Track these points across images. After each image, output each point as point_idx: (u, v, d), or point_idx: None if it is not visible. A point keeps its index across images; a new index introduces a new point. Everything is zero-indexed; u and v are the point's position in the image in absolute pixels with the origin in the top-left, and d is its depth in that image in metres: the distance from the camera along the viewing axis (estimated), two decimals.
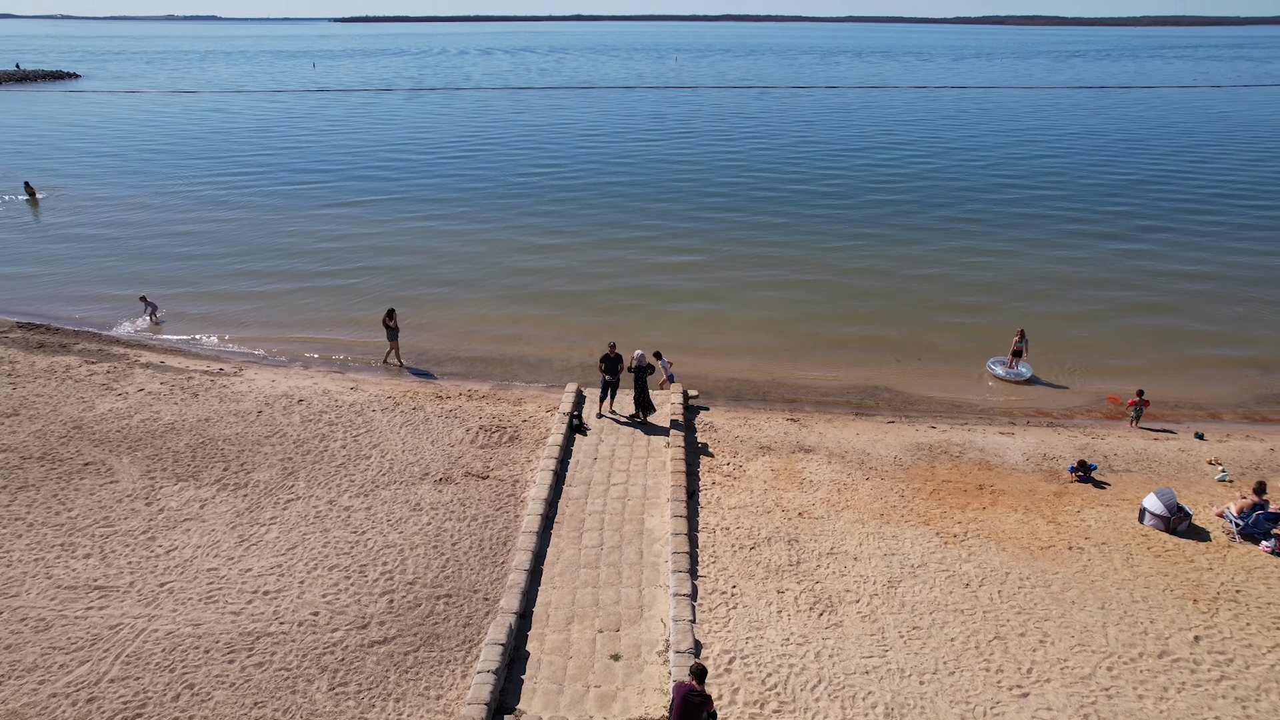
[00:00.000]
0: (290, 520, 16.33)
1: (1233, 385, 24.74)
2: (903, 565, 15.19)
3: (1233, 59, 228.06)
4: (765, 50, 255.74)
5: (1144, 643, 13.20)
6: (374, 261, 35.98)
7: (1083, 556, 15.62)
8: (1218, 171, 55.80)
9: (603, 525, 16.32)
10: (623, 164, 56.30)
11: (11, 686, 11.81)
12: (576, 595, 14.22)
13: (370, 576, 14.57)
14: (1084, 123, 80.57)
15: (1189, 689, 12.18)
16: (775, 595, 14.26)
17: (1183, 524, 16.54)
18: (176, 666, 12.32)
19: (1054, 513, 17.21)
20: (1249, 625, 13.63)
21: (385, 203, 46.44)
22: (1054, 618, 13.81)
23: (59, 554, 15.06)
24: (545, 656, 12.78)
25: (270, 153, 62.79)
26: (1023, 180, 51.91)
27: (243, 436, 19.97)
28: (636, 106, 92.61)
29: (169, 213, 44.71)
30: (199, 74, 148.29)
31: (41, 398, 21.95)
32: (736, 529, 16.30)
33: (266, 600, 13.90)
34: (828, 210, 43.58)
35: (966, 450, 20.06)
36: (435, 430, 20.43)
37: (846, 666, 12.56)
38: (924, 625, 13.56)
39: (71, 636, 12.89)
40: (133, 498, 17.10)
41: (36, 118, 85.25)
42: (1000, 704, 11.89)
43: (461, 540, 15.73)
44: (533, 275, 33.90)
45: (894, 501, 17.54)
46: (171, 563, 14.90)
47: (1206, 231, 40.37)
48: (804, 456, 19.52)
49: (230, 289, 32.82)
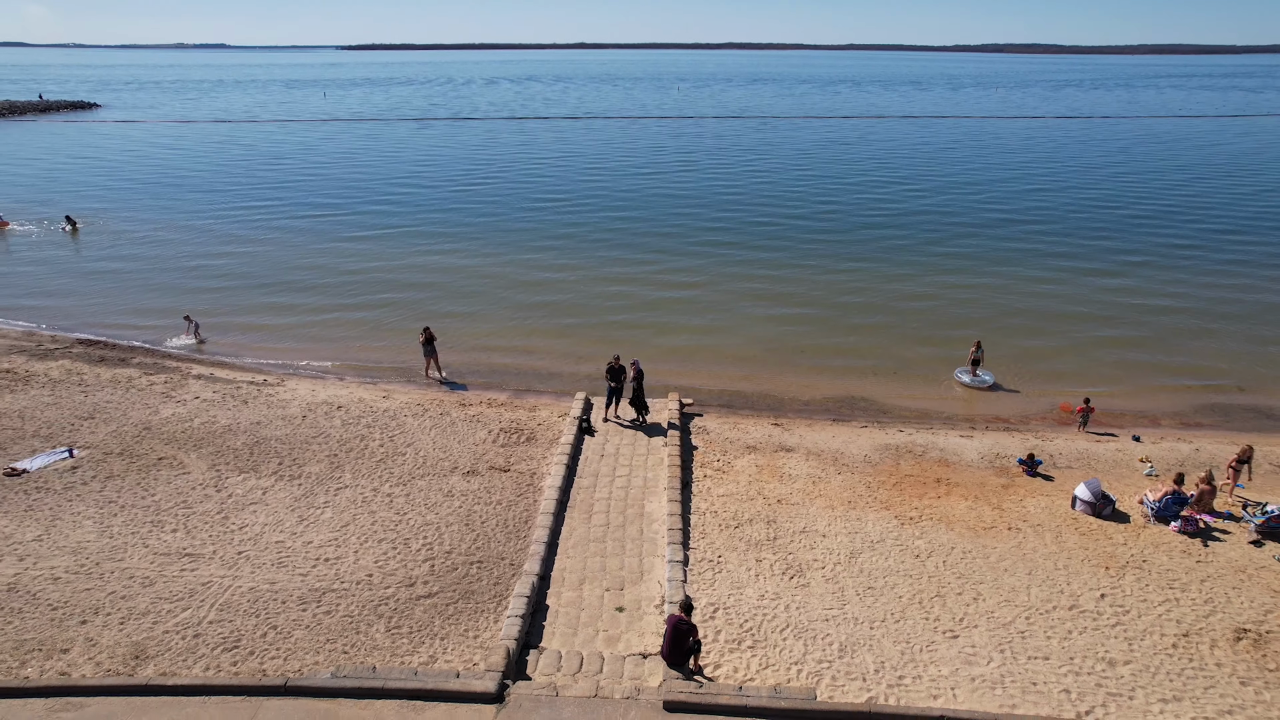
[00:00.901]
0: (341, 504, 19.10)
1: (1175, 398, 27.47)
2: (864, 541, 17.90)
3: (1225, 89, 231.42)
4: (766, 79, 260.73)
5: (1059, 599, 15.88)
6: (394, 285, 38.94)
7: (1019, 535, 18.32)
8: (1197, 203, 58.70)
9: (609, 509, 19.07)
10: (626, 197, 59.16)
11: (131, 626, 14.55)
12: (587, 563, 16.95)
13: (413, 547, 17.32)
14: (1073, 154, 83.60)
15: (1089, 632, 14.86)
16: (754, 563, 16.97)
17: (1107, 509, 19.24)
18: (260, 613, 15.06)
19: (999, 501, 19.93)
20: (1147, 586, 16.32)
21: (401, 231, 49.50)
22: (988, 581, 16.50)
23: (150, 529, 17.83)
24: (562, 609, 15.49)
25: (287, 182, 66.09)
26: (1010, 212, 54.64)
27: (292, 437, 22.79)
28: (639, 138, 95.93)
29: (198, 240, 47.77)
30: (214, 104, 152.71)
31: (111, 404, 24.81)
32: (723, 512, 19.03)
33: (328, 565, 16.64)
34: (822, 243, 46.17)
35: (929, 450, 22.80)
36: (461, 432, 23.23)
37: (810, 615, 15.26)
38: (877, 586, 16.26)
39: (172, 590, 15.64)
40: (204, 486, 19.89)
41: (64, 148, 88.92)
42: (934, 643, 14.57)
43: (489, 520, 18.49)
44: (542, 299, 36.79)
45: (861, 491, 20.27)
46: (245, 536, 17.66)
47: (1178, 262, 43.07)
48: (785, 455, 22.27)
49: (263, 310, 35.74)
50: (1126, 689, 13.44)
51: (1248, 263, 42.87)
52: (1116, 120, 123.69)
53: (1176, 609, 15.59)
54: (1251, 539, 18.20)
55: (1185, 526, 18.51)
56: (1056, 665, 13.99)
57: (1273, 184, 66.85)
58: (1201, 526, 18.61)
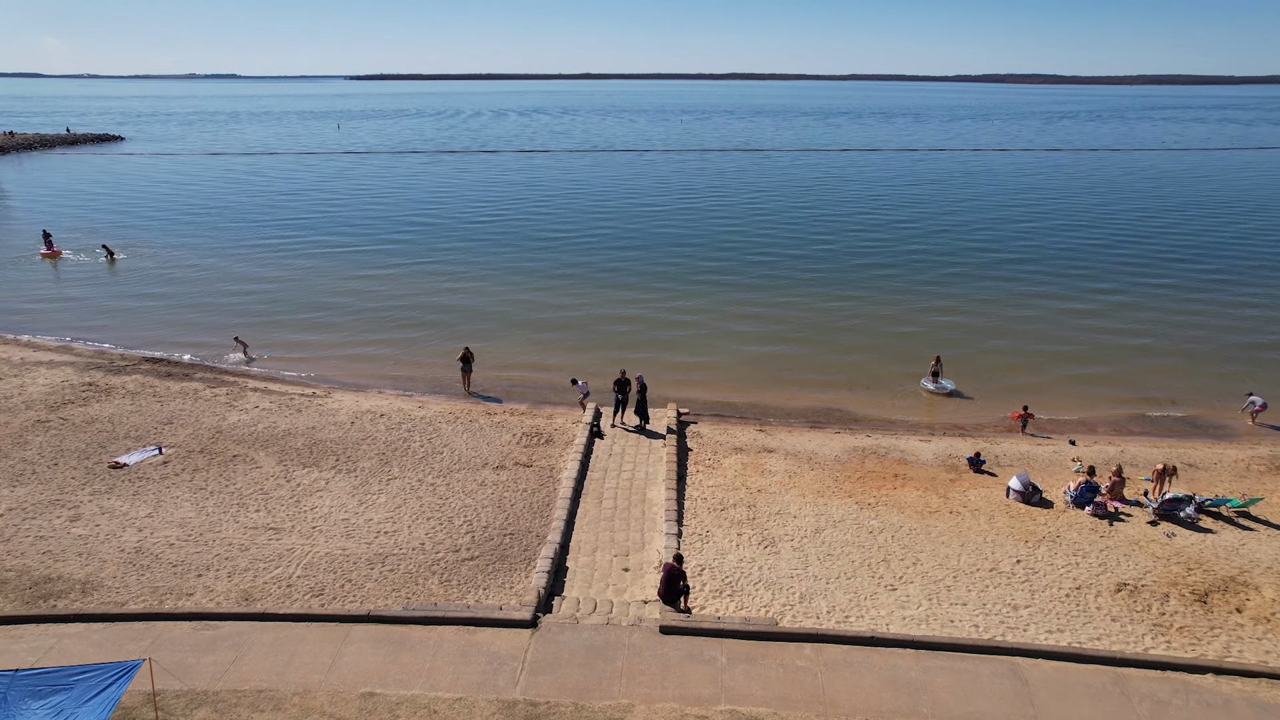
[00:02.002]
0: (393, 491, 22.90)
1: (1112, 409, 31.23)
2: (827, 520, 21.62)
3: (1219, 121, 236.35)
4: (768, 111, 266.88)
5: (982, 564, 19.56)
6: (419, 311, 42.96)
7: (958, 517, 22.02)
8: (1168, 235, 62.71)
9: (616, 496, 22.83)
10: (631, 234, 62.76)
11: (238, 579, 18.30)
12: (599, 536, 20.69)
13: (456, 524, 21.08)
14: (1060, 188, 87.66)
15: (1001, 586, 18.53)
16: (735, 536, 20.69)
17: (1035, 497, 22.96)
18: (337, 570, 18.80)
19: (946, 491, 23.64)
20: (1056, 555, 20.00)
21: (419, 263, 53.63)
22: (926, 550, 20.19)
23: (237, 509, 21.64)
24: (579, 570, 19.21)
25: (309, 215, 70.57)
26: (993, 245, 58.51)
27: (343, 439, 26.61)
28: (644, 173, 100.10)
29: (230, 269, 51.98)
30: (233, 136, 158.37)
31: (185, 411, 28.69)
32: (712, 499, 22.78)
33: (387, 537, 20.40)
34: (815, 277, 49.44)
35: (891, 451, 26.54)
36: (489, 435, 27.05)
37: (778, 574, 18.96)
38: (835, 553, 19.96)
39: (264, 554, 19.41)
40: (275, 477, 23.71)
41: (95, 180, 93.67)
42: (877, 594, 18.25)
43: (517, 503, 22.25)
44: (555, 325, 40.75)
45: (829, 484, 24.00)
46: (316, 515, 21.45)
47: (1138, 289, 46.99)
48: (766, 455, 26.02)
49: (301, 331, 39.71)
50: (1023, 624, 17.10)
51: (1203, 290, 46.76)
52: (1106, 154, 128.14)
53: (1075, 570, 19.28)
54: (1149, 519, 21.89)
55: (1096, 510, 22.20)
56: (972, 610, 17.66)
57: (1243, 217, 70.87)
58: (1110, 510, 22.31)
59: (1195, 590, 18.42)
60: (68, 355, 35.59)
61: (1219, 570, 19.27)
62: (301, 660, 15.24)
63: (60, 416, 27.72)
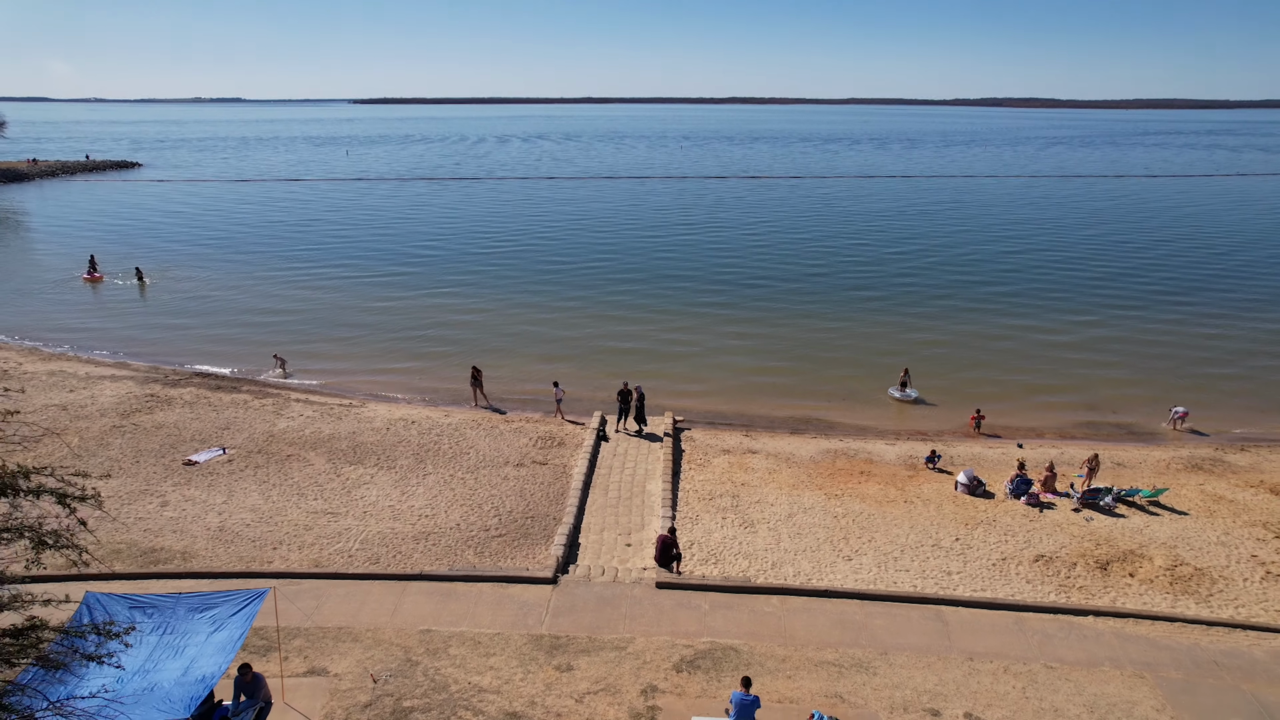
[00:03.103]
0: (429, 484, 26.78)
1: (1060, 416, 35.13)
2: (799, 508, 25.48)
3: (1208, 146, 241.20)
4: (766, 137, 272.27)
5: (926, 541, 23.40)
6: (439, 329, 46.99)
7: (911, 505, 25.86)
8: (1151, 261, 66.92)
9: (620, 488, 26.70)
10: (632, 262, 66.51)
11: (306, 551, 22.16)
12: (605, 519, 24.55)
13: (485, 509, 24.95)
14: (1048, 214, 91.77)
15: (940, 558, 22.36)
16: (720, 519, 24.55)
17: (979, 489, 26.82)
18: (388, 545, 22.66)
19: (903, 485, 27.49)
20: (989, 534, 23.85)
21: (432, 286, 57.74)
22: (881, 530, 24.03)
23: (298, 498, 25.53)
24: (589, 545, 23.05)
25: (323, 240, 74.82)
26: (981, 273, 62.40)
27: (381, 442, 30.51)
28: (645, 200, 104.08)
29: (254, 291, 56.04)
30: (245, 162, 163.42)
31: (239, 419, 32.62)
32: (702, 490, 26.64)
33: (427, 519, 24.27)
34: (807, 302, 52.95)
35: (859, 453, 30.42)
36: (508, 439, 30.95)
37: (755, 548, 22.80)
38: (803, 533, 23.81)
39: (325, 532, 23.28)
40: (326, 473, 27.60)
41: (116, 206, 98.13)
42: (835, 563, 22.08)
43: (535, 493, 26.13)
44: (565, 344, 44.76)
45: (803, 479, 27.86)
46: (365, 502, 25.33)
47: (1102, 309, 51.09)
48: (750, 455, 29.90)
49: (330, 350, 43.67)
50: (954, 585, 20.93)
51: (1171, 314, 50.76)
52: (1094, 180, 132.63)
53: (1003, 546, 23.13)
54: (1074, 507, 25.76)
55: (1030, 500, 26.07)
56: (912, 575, 21.50)
57: (1218, 243, 75.09)
58: (1042, 500, 26.17)
59: (1099, 560, 22.27)
60: (126, 370, 39.54)
61: (1122, 545, 23.12)
62: (369, 607, 19.10)
63: (132, 422, 31.66)
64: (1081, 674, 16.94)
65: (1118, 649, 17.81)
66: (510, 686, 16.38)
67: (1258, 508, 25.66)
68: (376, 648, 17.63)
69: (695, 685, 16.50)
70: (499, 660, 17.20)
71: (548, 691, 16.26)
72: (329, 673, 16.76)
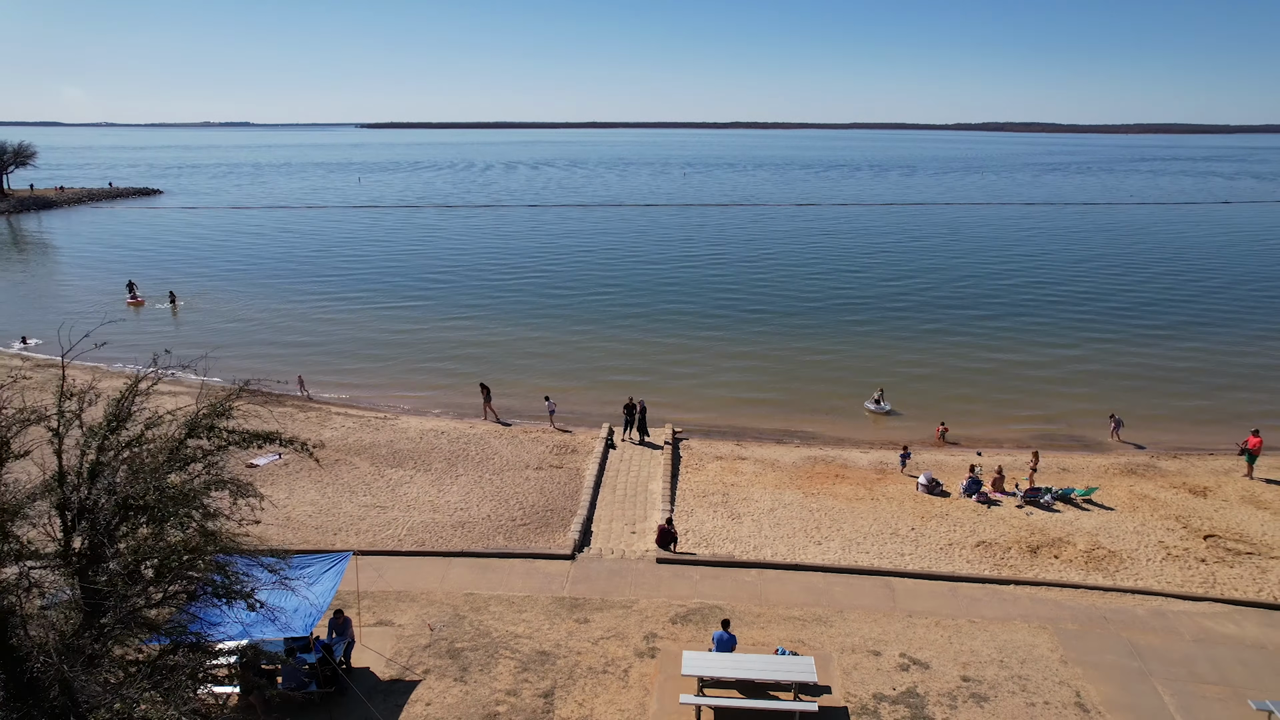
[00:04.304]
0: (461, 483, 31.01)
1: (1018, 428, 39.31)
2: (779, 503, 29.64)
3: (1203, 174, 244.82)
4: (767, 164, 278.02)
5: (885, 530, 27.54)
6: (458, 349, 51.39)
7: (877, 503, 30.01)
8: (1124, 287, 71.33)
9: (625, 487, 30.91)
10: (635, 290, 71.14)
11: (363, 536, 26.37)
12: (614, 512, 28.74)
13: (511, 504, 29.16)
14: (1038, 243, 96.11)
15: (896, 543, 26.50)
16: (711, 513, 28.72)
17: (936, 489, 30.97)
18: (431, 531, 26.86)
19: (872, 486, 31.65)
20: (941, 526, 27.98)
21: (449, 314, 62.24)
22: (849, 522, 28.18)
23: (349, 494, 29.77)
24: (599, 532, 27.22)
25: (342, 267, 79.55)
26: (968, 300, 66.85)
27: (416, 449, 34.77)
28: (648, 229, 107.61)
29: (280, 313, 60.65)
30: (261, 190, 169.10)
31: (289, 430, 36.86)
32: (696, 489, 30.83)
33: (463, 511, 28.49)
34: (803, 330, 56.51)
35: (836, 459, 34.60)
36: (528, 447, 35.20)
37: (740, 535, 26.96)
38: (782, 523, 27.96)
39: (377, 522, 27.50)
40: (371, 474, 31.85)
41: (145, 231, 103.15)
42: (807, 546, 26.23)
43: (554, 491, 30.35)
44: (573, 364, 49.11)
45: (785, 481, 32.03)
46: (407, 498, 29.56)
47: (1070, 334, 55.42)
48: (740, 461, 34.10)
49: (354, 372, 48.04)
50: (906, 563, 25.08)
51: (1144, 340, 54.93)
52: (1086, 208, 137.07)
53: (951, 534, 27.27)
54: (1018, 504, 29.91)
55: (979, 498, 30.24)
56: (871, 556, 25.64)
57: (1193, 269, 79.49)
58: (991, 498, 30.33)
59: (1031, 545, 26.41)
60: (179, 386, 43.89)
61: (1052, 534, 27.26)
62: (422, 577, 23.32)
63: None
64: (997, 626, 21.06)
65: (1029, 609, 21.94)
66: (539, 633, 20.56)
67: (1176, 505, 29.80)
68: (430, 606, 21.83)
69: (687, 633, 20.65)
70: (529, 615, 21.38)
71: (569, 637, 20.42)
72: (394, 623, 20.96)
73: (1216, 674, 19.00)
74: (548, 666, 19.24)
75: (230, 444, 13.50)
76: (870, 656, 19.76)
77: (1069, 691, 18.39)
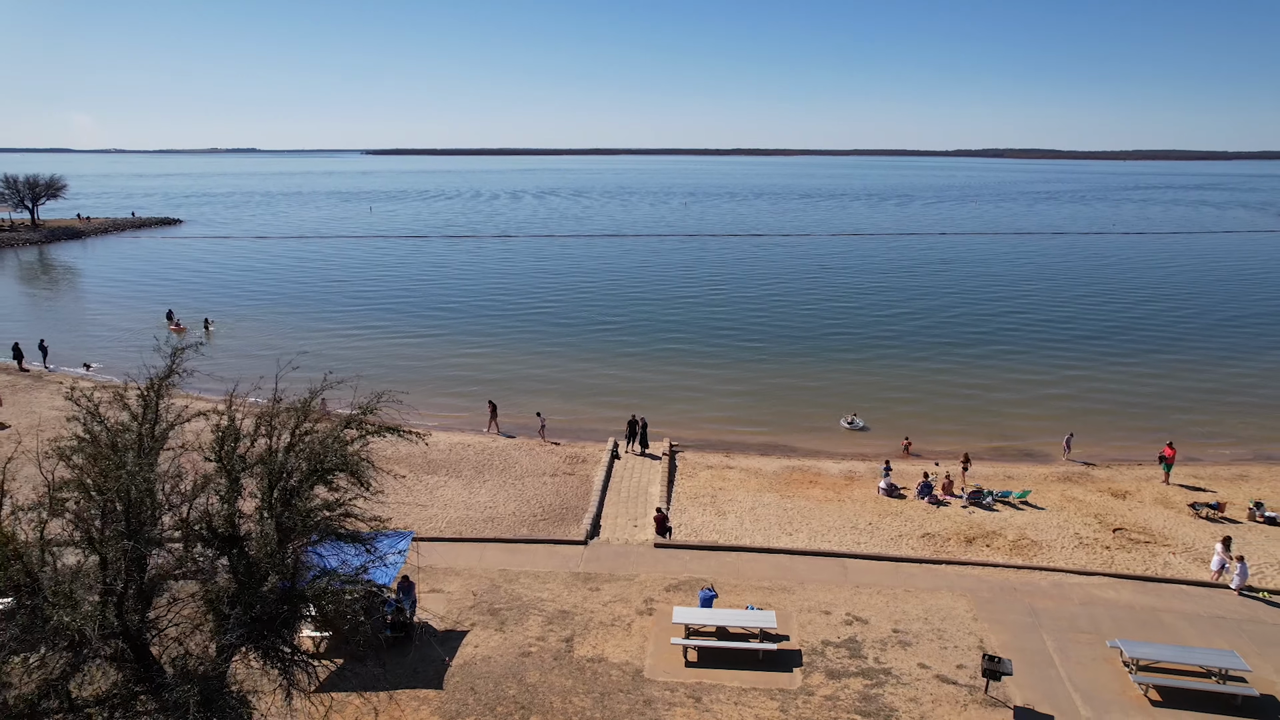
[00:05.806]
0: (488, 487, 36.30)
1: (976, 443, 44.39)
2: (759, 503, 34.87)
3: (1194, 202, 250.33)
4: (767, 193, 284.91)
5: (847, 525, 32.74)
6: (474, 373, 56.84)
7: (843, 503, 35.24)
8: (1101, 314, 76.78)
9: (629, 490, 36.20)
10: (636, 320, 77.05)
11: (432, 521, 31.61)
12: (619, 510, 34.00)
13: (532, 503, 34.43)
14: (1024, 273, 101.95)
15: (855, 535, 31.72)
16: (701, 510, 33.97)
17: (895, 493, 36.21)
18: (465, 524, 32.10)
19: (840, 490, 36.89)
20: (895, 521, 33.18)
21: (460, 335, 67.80)
22: (816, 519, 33.40)
23: (394, 495, 35.02)
24: (607, 525, 32.45)
25: (361, 295, 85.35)
26: (951, 330, 72.36)
27: (447, 459, 40.08)
28: (650, 260, 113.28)
29: (305, 339, 66.08)
30: (277, 218, 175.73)
31: None
32: (689, 492, 36.08)
33: (491, 509, 33.76)
34: (795, 358, 62.30)
35: (811, 469, 39.85)
36: (544, 457, 40.51)
37: (724, 527, 32.20)
38: (760, 520, 33.18)
39: (419, 517, 32.74)
40: (411, 478, 37.12)
41: (169, 259, 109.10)
42: (780, 537, 31.43)
43: (567, 493, 35.63)
44: (579, 390, 54.52)
45: (765, 486, 37.28)
46: (444, 498, 34.84)
47: (1037, 358, 60.79)
48: (728, 470, 39.36)
49: (385, 391, 53.34)
50: (859, 549, 30.27)
51: (1112, 366, 60.26)
52: (1077, 237, 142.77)
53: (902, 528, 32.49)
54: (963, 505, 35.13)
55: (930, 499, 35.46)
56: (833, 544, 30.84)
57: (1169, 295, 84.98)
58: (941, 499, 35.55)
59: (968, 537, 31.62)
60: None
61: (987, 528, 32.47)
62: (462, 558, 28.57)
63: None
64: (927, 595, 26.24)
65: (955, 582, 27.13)
66: (560, 598, 25.79)
67: (1098, 505, 35.02)
68: (471, 579, 27.08)
69: (678, 598, 25.86)
70: (552, 585, 26.62)
71: (584, 601, 25.65)
72: (444, 591, 26.20)
73: (1091, 626, 24.17)
74: (568, 621, 24.47)
75: (370, 433, 18.52)
76: (822, 615, 24.95)
77: (974, 639, 23.58)
